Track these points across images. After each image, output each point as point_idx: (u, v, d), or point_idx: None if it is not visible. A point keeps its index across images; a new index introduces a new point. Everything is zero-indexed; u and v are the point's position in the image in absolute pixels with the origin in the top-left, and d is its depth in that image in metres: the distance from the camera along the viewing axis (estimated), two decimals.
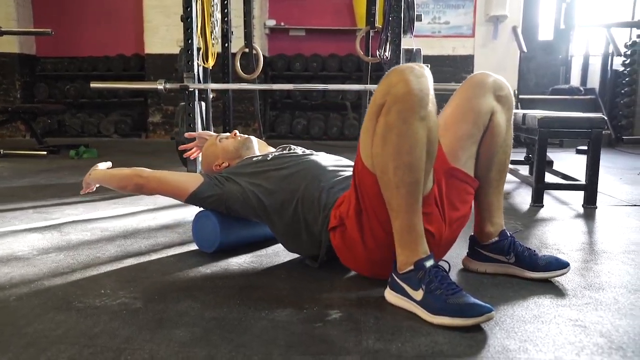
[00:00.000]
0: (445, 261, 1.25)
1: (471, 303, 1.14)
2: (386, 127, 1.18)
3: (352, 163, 1.52)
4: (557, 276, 1.43)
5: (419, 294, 1.18)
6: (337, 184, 1.50)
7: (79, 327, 1.14)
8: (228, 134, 1.90)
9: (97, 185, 1.86)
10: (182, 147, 2.08)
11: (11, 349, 1.03)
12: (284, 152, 1.76)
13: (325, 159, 1.65)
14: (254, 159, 1.69)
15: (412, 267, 1.20)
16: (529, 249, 1.47)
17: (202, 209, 1.70)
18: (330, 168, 1.58)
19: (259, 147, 1.88)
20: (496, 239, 1.47)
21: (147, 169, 1.70)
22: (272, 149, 1.89)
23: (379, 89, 1.21)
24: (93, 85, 3.02)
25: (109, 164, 1.88)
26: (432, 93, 1.20)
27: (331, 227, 1.40)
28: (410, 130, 1.16)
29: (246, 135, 1.88)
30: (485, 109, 1.40)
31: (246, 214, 1.61)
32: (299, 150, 1.78)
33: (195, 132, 2.06)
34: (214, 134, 1.97)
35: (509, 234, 1.47)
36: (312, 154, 1.70)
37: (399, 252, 1.24)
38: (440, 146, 1.34)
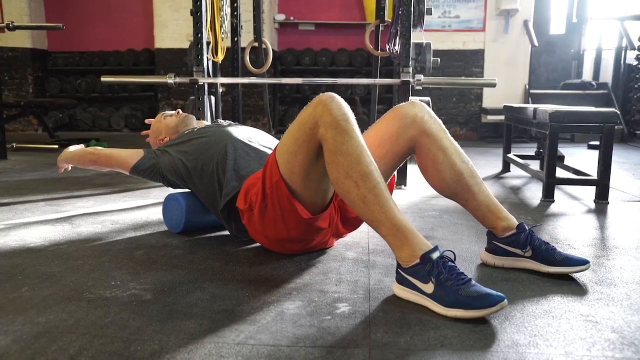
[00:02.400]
0: (451, 251, 1.24)
1: (483, 293, 1.13)
2: (331, 154, 1.29)
3: (272, 139, 1.88)
4: (575, 272, 1.40)
5: (429, 287, 1.18)
6: (248, 155, 1.70)
7: (90, 317, 1.15)
8: (172, 112, 2.11)
9: (71, 166, 2.06)
10: (143, 133, 2.25)
11: (23, 338, 1.05)
12: (210, 124, 1.96)
13: (243, 130, 1.84)
14: (186, 131, 1.94)
15: (418, 261, 1.20)
16: (547, 243, 1.45)
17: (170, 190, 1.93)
18: (244, 138, 1.77)
19: (198, 125, 2.12)
20: (514, 231, 1.46)
21: (100, 147, 1.96)
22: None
23: (306, 119, 1.33)
24: (104, 79, 3.04)
25: (81, 146, 2.07)
26: (352, 116, 1.33)
27: (240, 207, 1.55)
28: (350, 146, 1.28)
29: (187, 114, 2.08)
30: (404, 139, 1.53)
31: (178, 180, 1.81)
32: (225, 122, 1.98)
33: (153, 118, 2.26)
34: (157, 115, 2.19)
35: (526, 228, 1.46)
36: (233, 124, 1.92)
37: (398, 251, 1.25)
38: None
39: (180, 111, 2.09)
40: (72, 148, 2.03)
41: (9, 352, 0.99)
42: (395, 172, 1.63)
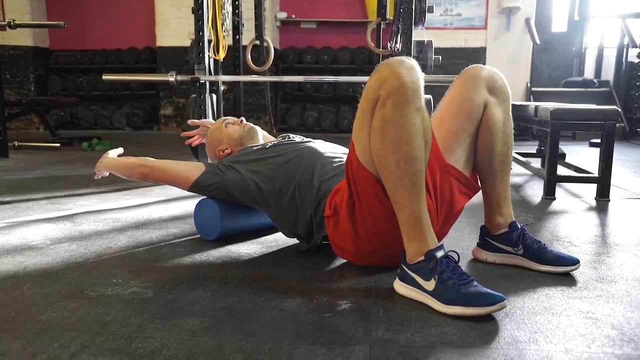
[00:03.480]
0: (454, 251, 1.24)
1: (484, 292, 1.13)
2: (383, 121, 1.19)
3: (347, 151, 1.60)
4: (566, 272, 1.42)
5: (430, 285, 1.18)
6: (333, 170, 1.55)
7: (91, 315, 1.15)
8: (234, 119, 1.93)
9: (107, 173, 1.90)
10: (184, 133, 2.12)
11: (25, 335, 1.05)
12: (282, 140, 1.79)
13: (322, 146, 1.69)
14: (254, 147, 1.74)
15: (422, 258, 1.20)
16: (539, 241, 1.46)
17: (204, 197, 1.75)
18: (327, 154, 1.62)
19: (263, 138, 1.93)
20: (506, 229, 1.47)
21: (151, 159, 1.74)
22: (274, 139, 1.92)
23: (371, 84, 1.23)
24: (106, 77, 3.05)
25: (121, 150, 1.93)
26: (422, 84, 1.22)
27: (326, 216, 1.43)
28: (407, 121, 1.18)
29: (251, 125, 1.91)
30: (478, 102, 1.40)
31: (246, 200, 1.65)
32: (297, 138, 1.81)
33: (198, 120, 2.11)
34: (216, 121, 1.99)
35: (519, 226, 1.47)
36: (309, 142, 1.74)
37: (407, 243, 1.24)
38: (435, 140, 1.35)
39: (244, 120, 1.92)
40: (113, 153, 1.87)
41: (10, 350, 0.99)
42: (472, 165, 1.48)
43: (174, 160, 1.75)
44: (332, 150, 1.68)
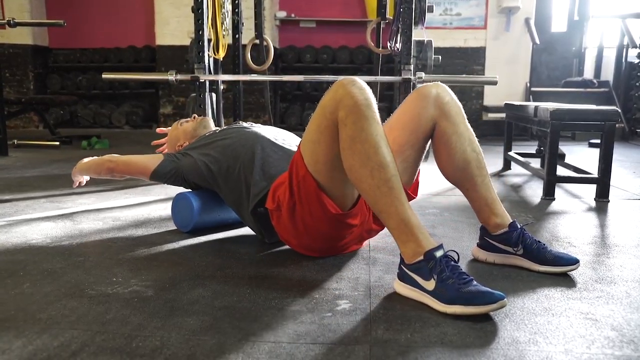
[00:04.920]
0: (454, 251, 1.25)
1: (484, 291, 1.14)
2: (349, 140, 1.27)
3: (296, 138, 1.78)
4: (565, 272, 1.42)
5: (430, 284, 1.18)
6: (275, 153, 1.66)
7: (91, 313, 1.15)
8: (188, 118, 2.09)
9: (87, 178, 2.05)
10: (154, 142, 2.24)
11: (25, 334, 1.05)
12: (231, 125, 1.92)
13: (267, 131, 1.80)
14: (207, 134, 1.88)
15: (421, 258, 1.20)
16: (539, 242, 1.46)
17: (180, 191, 1.86)
18: (269, 137, 1.73)
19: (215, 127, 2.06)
20: (506, 229, 1.47)
21: (117, 155, 1.90)
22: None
23: (326, 103, 1.32)
24: (105, 76, 3.04)
25: (94, 157, 2.01)
26: (374, 101, 1.30)
27: (270, 209, 1.52)
28: (369, 134, 1.26)
29: (203, 117, 2.07)
30: (426, 119, 1.50)
31: (200, 182, 1.77)
32: (246, 124, 1.93)
33: (166, 128, 2.23)
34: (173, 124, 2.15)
35: (518, 226, 1.47)
36: (255, 126, 1.86)
37: (402, 246, 1.25)
38: None
39: (197, 116, 2.07)
40: (87, 160, 1.98)
41: (11, 348, 0.99)
42: (419, 169, 1.60)
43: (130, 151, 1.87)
44: (275, 134, 1.79)
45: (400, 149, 1.50)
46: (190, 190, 1.87)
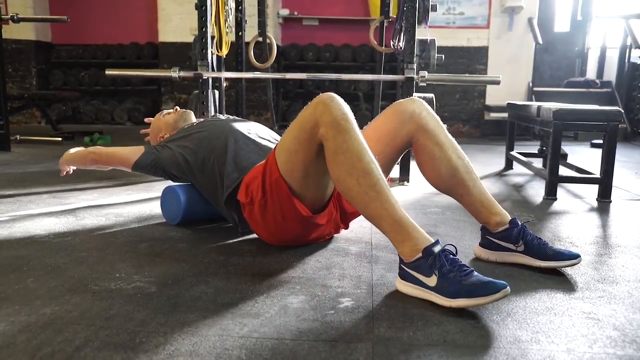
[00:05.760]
0: (451, 244, 1.25)
1: (486, 281, 1.14)
2: (332, 153, 1.32)
3: (272, 133, 1.89)
4: (566, 266, 1.42)
5: (432, 280, 1.19)
6: (247, 146, 1.71)
7: (95, 309, 1.15)
8: (170, 110, 2.14)
9: (72, 169, 2.08)
10: (143, 131, 2.28)
11: (29, 328, 1.06)
12: (208, 118, 1.97)
13: (242, 124, 1.85)
14: (185, 127, 1.94)
15: (420, 255, 1.21)
16: (539, 238, 1.46)
17: (168, 185, 1.92)
18: (241, 130, 1.78)
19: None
20: (506, 226, 1.47)
21: (100, 147, 1.97)
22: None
23: (306, 117, 1.36)
24: (108, 72, 3.04)
25: (80, 148, 2.06)
26: (352, 115, 1.36)
27: (242, 202, 1.57)
28: (350, 144, 1.30)
29: (184, 110, 2.13)
30: (402, 134, 1.57)
31: (178, 173, 1.82)
32: (223, 117, 2.00)
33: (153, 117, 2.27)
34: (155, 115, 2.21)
35: (519, 223, 1.47)
36: (231, 120, 1.92)
37: (400, 247, 1.26)
38: None
39: (178, 108, 2.13)
40: (73, 150, 2.03)
41: (15, 343, 1.00)
42: (394, 168, 1.65)
43: (123, 143, 1.92)
44: (248, 127, 1.84)
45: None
46: (172, 182, 1.94)
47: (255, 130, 1.85)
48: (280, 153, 1.45)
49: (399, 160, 1.64)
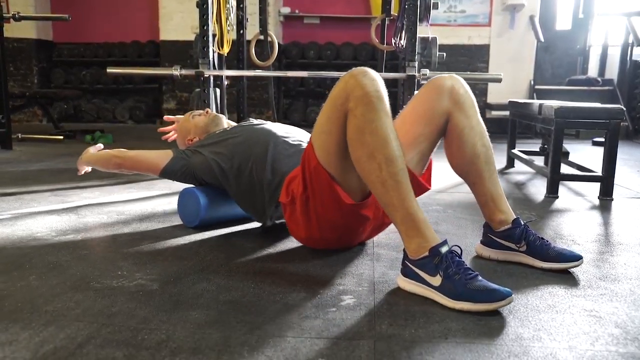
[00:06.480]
0: (458, 246, 1.25)
1: (491, 288, 1.14)
2: (358, 131, 1.26)
3: (305, 134, 1.80)
4: (568, 268, 1.42)
5: (436, 280, 1.19)
6: (285, 150, 1.66)
7: (97, 306, 1.16)
8: (201, 111, 2.05)
9: (90, 168, 2.01)
10: (161, 129, 2.22)
11: (32, 326, 1.06)
12: (242, 123, 1.90)
13: (277, 128, 1.78)
14: (217, 131, 1.86)
15: (427, 254, 1.21)
16: (542, 238, 1.46)
17: (187, 186, 1.85)
18: (280, 134, 1.72)
19: (227, 125, 2.03)
20: (509, 226, 1.47)
21: (125, 150, 1.87)
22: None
23: (337, 94, 1.30)
24: (109, 70, 3.04)
25: (100, 146, 2.00)
26: (386, 93, 1.29)
27: (283, 202, 1.51)
28: (379, 126, 1.24)
29: (216, 113, 2.03)
30: (439, 111, 1.49)
31: (210, 180, 1.75)
32: (256, 121, 1.92)
33: (173, 116, 2.21)
34: (184, 115, 2.12)
35: (522, 222, 1.47)
36: (265, 124, 1.84)
37: (407, 241, 1.25)
38: None
39: (210, 110, 2.04)
40: (93, 150, 1.96)
41: (18, 340, 1.00)
42: (431, 159, 1.57)
43: (147, 150, 1.86)
44: (287, 131, 1.77)
45: (414, 141, 1.49)
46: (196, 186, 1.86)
47: (293, 133, 1.77)
48: (316, 138, 1.38)
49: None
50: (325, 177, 1.36)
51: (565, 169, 2.93)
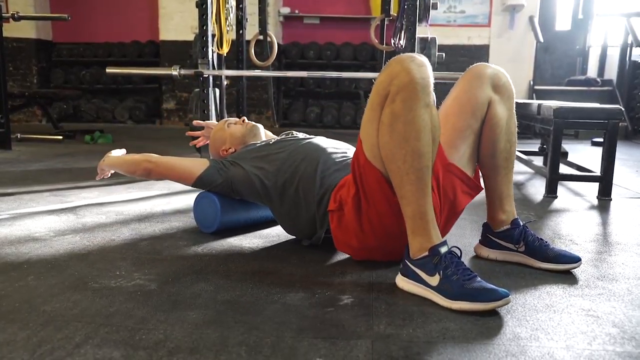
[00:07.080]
0: (457, 247, 1.25)
1: (488, 288, 1.14)
2: (392, 116, 1.21)
3: (350, 147, 1.66)
4: (566, 269, 1.42)
5: (434, 280, 1.19)
6: (335, 165, 1.56)
7: (95, 306, 1.16)
8: (236, 119, 1.95)
9: (112, 172, 1.92)
10: (189, 133, 2.13)
11: (30, 326, 1.06)
12: (286, 137, 1.80)
13: (324, 142, 1.70)
14: (258, 144, 1.76)
15: (426, 253, 1.21)
16: (541, 239, 1.46)
17: (203, 190, 1.76)
18: (329, 150, 1.63)
19: (264, 135, 1.94)
20: (508, 226, 1.47)
21: (155, 155, 1.76)
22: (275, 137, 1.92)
23: (382, 80, 1.24)
24: (109, 70, 3.05)
25: (123, 150, 1.93)
26: (432, 81, 1.22)
27: (330, 210, 1.44)
28: (416, 117, 1.19)
29: (254, 123, 1.92)
30: (482, 99, 1.41)
31: (250, 196, 1.67)
32: (300, 135, 1.82)
33: (204, 120, 2.12)
34: (218, 122, 2.01)
35: (521, 223, 1.47)
36: (311, 138, 1.74)
37: (411, 238, 1.25)
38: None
39: (246, 119, 1.94)
40: (116, 152, 1.88)
41: (15, 340, 1.00)
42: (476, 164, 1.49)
43: (180, 157, 1.78)
44: (334, 146, 1.69)
45: (461, 134, 1.43)
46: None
47: (342, 148, 1.69)
48: (364, 133, 1.30)
49: None
50: (374, 174, 1.30)
51: (564, 169, 2.94)
